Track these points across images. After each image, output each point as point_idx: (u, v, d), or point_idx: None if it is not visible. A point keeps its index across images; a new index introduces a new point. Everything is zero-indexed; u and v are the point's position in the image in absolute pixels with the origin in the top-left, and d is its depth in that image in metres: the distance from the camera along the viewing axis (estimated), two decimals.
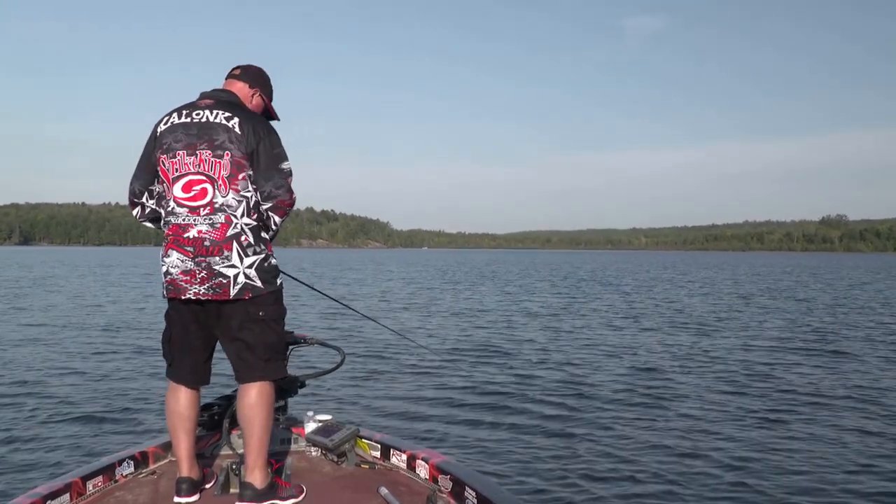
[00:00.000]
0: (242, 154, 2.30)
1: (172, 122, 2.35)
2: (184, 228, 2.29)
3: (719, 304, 18.39)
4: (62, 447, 4.92)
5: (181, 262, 2.29)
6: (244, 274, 2.30)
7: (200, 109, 2.36)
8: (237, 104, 2.44)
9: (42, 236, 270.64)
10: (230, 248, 2.28)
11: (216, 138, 2.29)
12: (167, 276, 2.34)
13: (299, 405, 3.21)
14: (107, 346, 9.87)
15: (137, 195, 2.44)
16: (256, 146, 2.31)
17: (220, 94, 2.45)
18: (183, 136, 2.31)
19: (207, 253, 2.27)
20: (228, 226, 2.29)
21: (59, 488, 2.34)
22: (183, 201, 2.30)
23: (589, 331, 12.16)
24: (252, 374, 2.36)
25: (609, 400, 6.54)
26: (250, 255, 2.32)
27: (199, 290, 2.29)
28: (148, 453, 2.77)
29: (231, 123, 2.31)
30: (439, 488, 2.49)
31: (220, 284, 2.28)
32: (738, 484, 4.29)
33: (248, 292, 2.31)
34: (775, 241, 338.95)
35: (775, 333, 11.89)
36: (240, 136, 2.30)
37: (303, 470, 2.72)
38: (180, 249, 2.29)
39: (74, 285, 24.78)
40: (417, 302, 18.71)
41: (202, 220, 2.28)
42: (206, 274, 2.27)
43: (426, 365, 8.21)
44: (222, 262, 2.28)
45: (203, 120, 2.32)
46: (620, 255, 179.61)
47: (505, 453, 4.78)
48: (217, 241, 2.27)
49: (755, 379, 7.65)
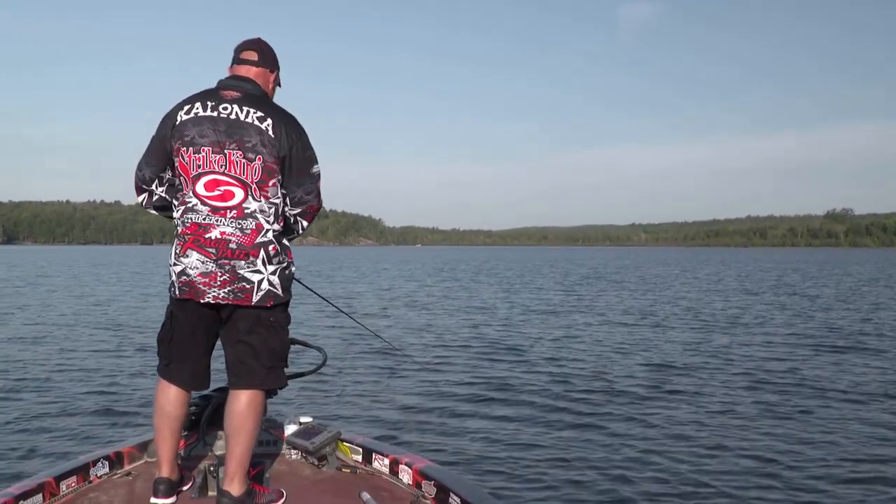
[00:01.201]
0: (274, 159, 2.20)
1: (197, 114, 2.20)
2: (205, 228, 2.18)
3: (731, 300, 18.42)
4: (36, 445, 4.84)
5: (201, 264, 2.18)
6: (268, 281, 2.22)
7: (227, 103, 2.21)
8: (265, 98, 2.32)
9: (26, 235, 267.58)
10: (257, 255, 2.20)
11: (247, 140, 2.17)
12: (183, 277, 2.21)
13: (280, 406, 3.15)
14: (89, 343, 9.75)
15: (147, 182, 2.32)
16: (289, 151, 2.22)
17: (245, 86, 2.28)
18: (210, 132, 2.17)
19: (233, 256, 2.17)
20: (259, 232, 2.20)
21: (32, 488, 2.29)
22: (206, 199, 2.18)
23: (587, 329, 12.13)
24: (252, 380, 2.28)
25: (602, 402, 6.50)
26: (275, 263, 2.24)
27: (218, 294, 2.19)
28: (123, 454, 2.71)
29: (265, 125, 2.19)
30: (423, 494, 2.44)
31: (243, 289, 2.19)
32: (760, 482, 4.25)
33: (271, 300, 2.24)
34: (778, 236, 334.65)
35: (793, 329, 11.87)
36: (273, 139, 2.19)
37: (282, 474, 2.66)
38: (201, 250, 2.18)
39: (71, 284, 24.51)
40: (416, 300, 18.67)
41: (227, 221, 2.18)
42: (229, 277, 2.18)
43: (411, 366, 8.15)
44: (248, 267, 2.19)
45: (232, 116, 2.19)
46: (620, 251, 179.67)
47: (491, 458, 4.71)
48: (245, 246, 2.18)
49: (776, 375, 7.63)
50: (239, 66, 2.37)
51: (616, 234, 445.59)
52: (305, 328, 11.65)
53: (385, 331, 11.65)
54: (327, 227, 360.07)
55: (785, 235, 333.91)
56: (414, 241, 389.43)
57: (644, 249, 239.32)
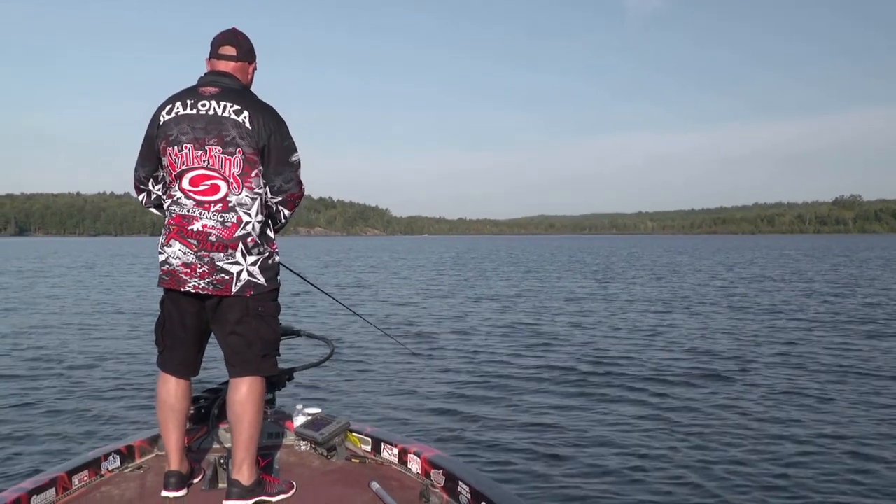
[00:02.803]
0: (253, 150, 2.25)
1: (177, 113, 2.26)
2: (188, 220, 2.25)
3: (749, 287, 18.36)
4: (48, 439, 4.90)
5: (183, 254, 2.25)
6: (247, 271, 2.27)
7: (206, 99, 2.26)
8: (242, 91, 2.35)
9: (38, 227, 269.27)
10: (235, 248, 2.25)
11: (226, 134, 2.22)
12: (166, 266, 2.30)
13: (288, 398, 3.16)
14: (98, 335, 9.82)
15: (143, 182, 2.41)
16: (267, 141, 2.27)
17: (223, 81, 2.34)
18: (189, 130, 2.23)
19: (212, 248, 2.23)
20: (238, 226, 2.25)
21: (45, 483, 2.31)
22: (191, 193, 2.25)
23: (600, 317, 12.12)
24: (246, 368, 2.32)
25: (608, 386, 6.51)
26: (254, 254, 2.29)
27: (198, 284, 2.25)
28: (134, 447, 2.73)
29: (241, 118, 2.24)
30: (432, 483, 2.44)
31: (222, 281, 2.25)
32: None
33: (251, 289, 2.29)
34: (786, 223, 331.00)
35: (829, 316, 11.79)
36: (250, 131, 2.24)
37: (292, 464, 2.67)
38: (183, 241, 2.25)
39: (88, 276, 24.68)
40: (424, 289, 18.69)
41: (210, 215, 2.24)
42: (208, 269, 2.24)
43: (419, 357, 8.16)
44: (226, 259, 2.25)
45: (210, 112, 2.24)
46: (627, 239, 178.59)
47: (499, 448, 4.72)
48: (224, 239, 2.24)
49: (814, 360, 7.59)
50: (217, 62, 2.40)
51: (622, 222, 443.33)
52: (312, 320, 11.70)
53: (396, 320, 11.67)
54: (335, 217, 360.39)
55: (793, 222, 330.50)
56: (420, 231, 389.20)
57: (651, 237, 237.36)
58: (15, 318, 12.20)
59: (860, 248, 59.89)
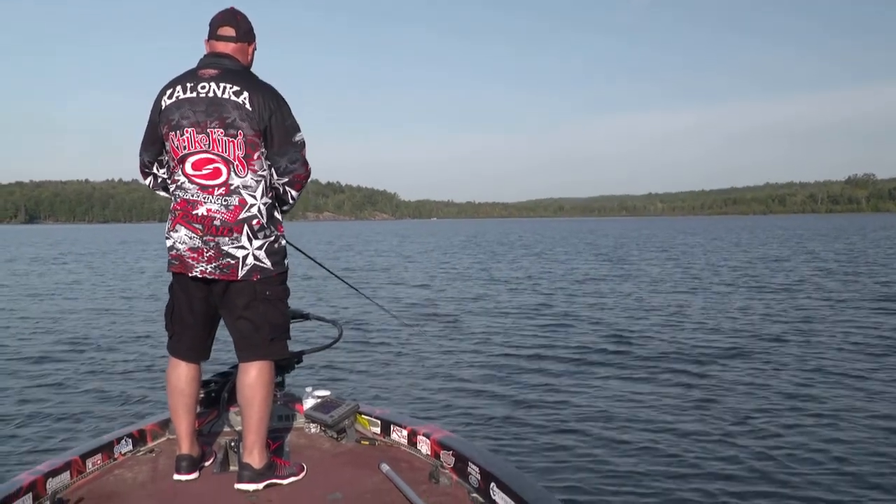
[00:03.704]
0: (255, 132, 2.24)
1: (178, 97, 2.26)
2: (193, 205, 2.25)
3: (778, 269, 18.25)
4: (62, 420, 4.99)
5: (189, 239, 2.25)
6: (253, 255, 2.27)
7: (205, 82, 2.25)
8: (242, 71, 2.33)
9: (47, 214, 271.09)
10: (240, 231, 2.25)
11: (227, 116, 2.21)
12: (173, 251, 2.31)
13: (297, 381, 3.17)
14: (113, 319, 9.90)
15: (148, 166, 2.43)
16: (269, 121, 2.25)
17: (222, 62, 2.31)
18: (190, 113, 2.23)
19: (217, 233, 2.23)
20: (242, 208, 2.25)
21: (60, 466, 2.34)
22: (194, 178, 2.25)
23: (615, 298, 12.10)
24: (255, 352, 2.33)
25: (632, 369, 6.51)
26: (260, 238, 2.28)
27: (205, 269, 2.26)
28: (146, 431, 2.75)
29: (241, 99, 2.22)
30: (441, 464, 2.45)
31: (228, 265, 2.25)
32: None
33: (257, 273, 2.28)
34: (798, 203, 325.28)
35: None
36: (251, 112, 2.22)
37: (302, 447, 2.68)
38: (189, 226, 2.25)
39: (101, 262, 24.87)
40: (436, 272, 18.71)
41: (214, 199, 2.23)
42: (214, 253, 2.24)
43: (427, 339, 8.19)
44: (231, 244, 2.24)
45: (210, 95, 2.23)
46: (638, 221, 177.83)
47: (511, 429, 4.73)
48: (228, 223, 2.23)
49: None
50: (216, 43, 2.37)
51: (632, 203, 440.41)
52: (321, 304, 11.74)
53: (405, 303, 11.69)
54: (343, 201, 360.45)
55: (805, 202, 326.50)
56: (429, 215, 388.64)
57: (662, 219, 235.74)
58: (34, 304, 12.33)
59: (874, 228, 59.28)
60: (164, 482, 2.37)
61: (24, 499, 2.12)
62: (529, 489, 2.07)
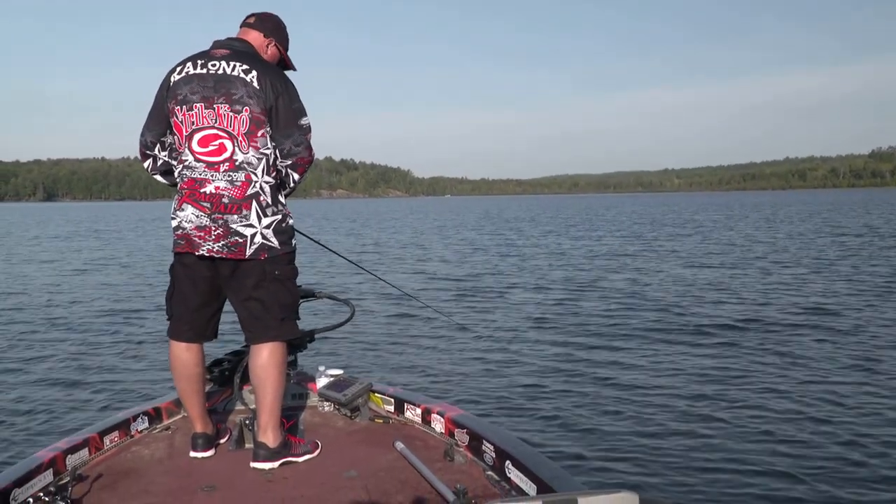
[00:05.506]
0: (261, 110, 2.24)
1: (187, 73, 2.27)
2: (200, 183, 2.24)
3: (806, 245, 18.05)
4: (78, 399, 5.08)
5: (196, 218, 2.24)
6: (261, 234, 2.26)
7: (216, 60, 2.27)
8: (253, 55, 2.35)
9: (65, 192, 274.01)
10: (249, 208, 2.24)
11: (234, 92, 2.23)
12: (179, 230, 2.29)
13: (310, 360, 3.18)
14: (129, 299, 10.01)
15: (149, 147, 2.39)
16: (275, 101, 2.25)
17: (234, 44, 2.36)
18: (199, 88, 2.24)
19: (226, 210, 2.22)
20: (248, 184, 2.24)
21: (79, 443, 2.37)
22: (200, 156, 2.25)
23: (632, 273, 12.04)
24: (266, 333, 2.32)
25: (627, 346, 6.48)
26: (269, 216, 2.28)
27: (212, 248, 2.25)
28: (161, 409, 2.77)
29: (249, 77, 2.24)
30: (456, 442, 2.44)
31: (236, 243, 2.24)
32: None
33: (265, 252, 2.28)
34: (819, 177, 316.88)
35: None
36: (258, 90, 2.23)
37: (316, 425, 2.69)
38: (196, 204, 2.24)
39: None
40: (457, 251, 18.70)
41: (221, 175, 2.23)
42: (222, 231, 2.23)
43: (441, 317, 8.18)
44: (240, 221, 2.23)
45: (219, 71, 2.25)
46: (656, 197, 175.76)
47: (526, 407, 4.72)
48: (236, 200, 2.23)
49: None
50: (240, 30, 2.47)
51: (648, 179, 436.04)
52: (332, 282, 11.78)
53: (418, 281, 11.70)
54: (357, 178, 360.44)
55: (826, 177, 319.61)
56: (443, 192, 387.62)
57: (679, 195, 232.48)
58: (65, 280, 12.50)
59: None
60: (180, 459, 2.39)
61: (44, 475, 2.15)
62: (545, 467, 2.05)
